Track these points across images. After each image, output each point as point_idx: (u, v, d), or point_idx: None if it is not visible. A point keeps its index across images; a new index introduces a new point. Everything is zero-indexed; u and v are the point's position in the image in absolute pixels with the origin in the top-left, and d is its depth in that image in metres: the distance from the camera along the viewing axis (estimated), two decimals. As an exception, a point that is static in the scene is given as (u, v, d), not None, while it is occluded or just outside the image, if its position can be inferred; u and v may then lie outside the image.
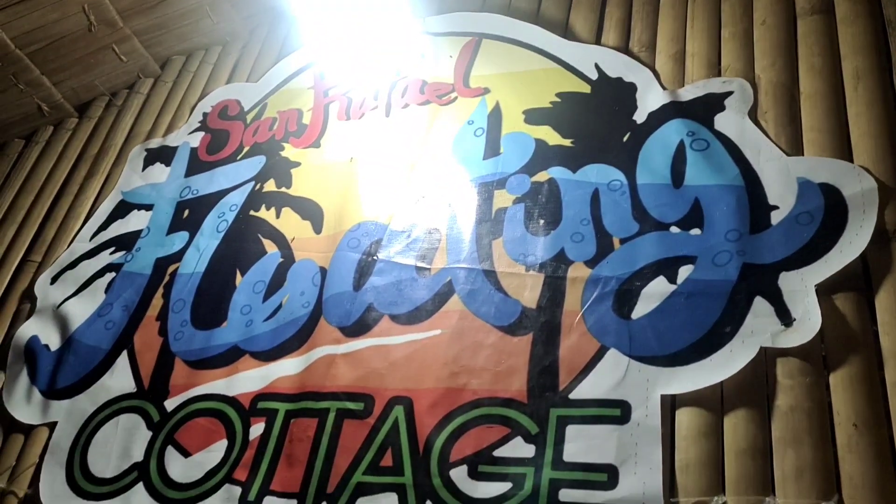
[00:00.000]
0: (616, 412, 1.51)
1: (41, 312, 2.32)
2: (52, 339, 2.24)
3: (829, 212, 1.55)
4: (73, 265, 2.40)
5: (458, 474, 1.56)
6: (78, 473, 1.93)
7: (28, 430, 2.09)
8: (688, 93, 1.92)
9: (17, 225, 2.61)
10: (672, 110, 1.90)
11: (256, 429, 1.82)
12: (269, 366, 1.92)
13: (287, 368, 1.89)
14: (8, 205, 2.68)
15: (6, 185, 2.76)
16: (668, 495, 1.39)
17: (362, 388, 1.77)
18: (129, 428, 1.96)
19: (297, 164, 2.34)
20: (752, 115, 1.80)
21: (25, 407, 2.13)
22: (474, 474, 1.55)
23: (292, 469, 1.71)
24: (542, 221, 1.87)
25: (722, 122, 1.82)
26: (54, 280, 2.39)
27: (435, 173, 2.11)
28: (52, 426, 2.05)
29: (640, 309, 1.62)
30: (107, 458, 1.92)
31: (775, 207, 1.62)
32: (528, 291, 1.76)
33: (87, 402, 2.05)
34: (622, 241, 1.74)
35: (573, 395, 1.58)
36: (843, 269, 1.47)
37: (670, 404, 1.50)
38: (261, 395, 1.87)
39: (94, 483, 1.90)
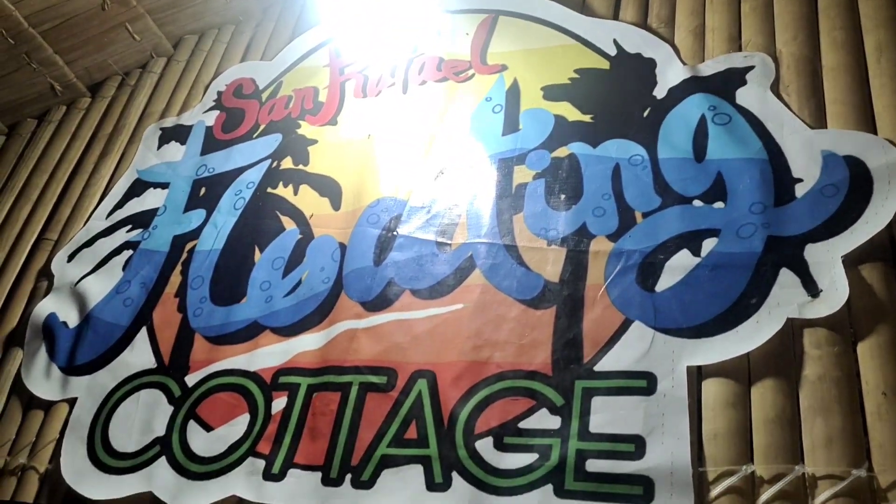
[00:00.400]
0: (642, 383, 1.52)
1: (58, 290, 2.32)
2: (70, 316, 2.24)
3: (855, 183, 1.55)
4: (89, 243, 2.40)
5: (484, 446, 1.57)
6: (100, 448, 1.93)
7: (47, 407, 2.10)
8: (708, 68, 1.92)
9: (31, 203, 2.61)
10: (693, 85, 1.89)
11: (279, 403, 1.82)
12: (290, 341, 1.92)
13: (308, 343, 1.90)
14: (22, 184, 2.68)
15: (19, 164, 2.76)
16: (696, 465, 1.40)
17: (385, 361, 1.78)
18: (150, 403, 1.96)
19: (314, 142, 2.34)
20: (774, 89, 1.79)
21: (44, 383, 2.13)
22: (500, 446, 1.56)
23: (316, 442, 1.72)
24: (563, 196, 1.87)
25: (744, 96, 1.81)
26: (71, 258, 2.39)
27: (453, 149, 2.10)
28: (71, 402, 2.06)
29: (665, 282, 1.62)
30: (128, 432, 1.93)
31: (799, 180, 1.62)
32: (551, 265, 1.77)
33: (108, 377, 2.06)
34: (644, 215, 1.74)
35: (598, 368, 1.58)
36: (870, 240, 1.47)
37: (696, 375, 1.51)
38: (282, 370, 1.88)
39: (116, 457, 1.90)
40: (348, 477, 1.64)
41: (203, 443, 1.84)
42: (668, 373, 1.51)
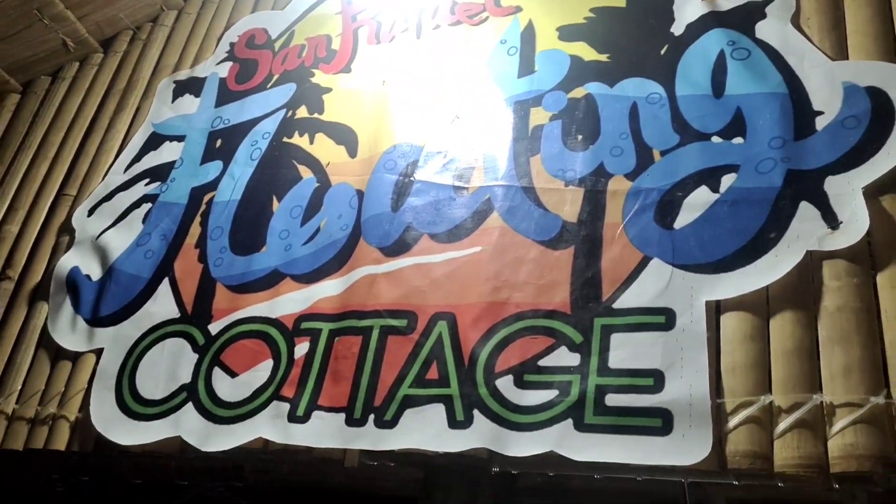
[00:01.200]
0: (661, 319, 1.53)
1: (80, 244, 2.35)
2: (93, 270, 2.27)
3: (876, 114, 1.53)
4: (108, 197, 2.42)
5: (505, 384, 1.59)
6: (128, 396, 1.97)
7: (74, 358, 2.14)
8: (727, 2, 1.89)
9: (49, 161, 2.63)
10: (711, 20, 1.86)
11: (301, 348, 1.85)
12: (311, 287, 1.94)
13: (328, 289, 1.92)
14: (39, 141, 2.69)
15: (35, 122, 2.77)
16: (714, 397, 1.41)
17: (405, 305, 1.80)
18: (175, 352, 1.99)
19: (329, 90, 2.33)
20: (795, 21, 1.76)
21: (70, 335, 2.17)
22: (520, 383, 1.58)
23: (338, 385, 1.75)
24: (580, 137, 1.86)
25: (763, 30, 1.79)
26: (91, 212, 2.41)
27: (469, 93, 2.09)
28: (98, 353, 2.09)
29: (683, 219, 1.62)
30: (155, 380, 1.97)
31: (820, 113, 1.60)
32: (568, 206, 1.77)
33: (132, 328, 2.09)
34: (663, 154, 1.73)
35: (617, 305, 1.59)
36: (891, 170, 1.46)
37: (715, 310, 1.51)
38: (304, 316, 1.90)
39: (144, 405, 1.94)
40: (371, 417, 1.67)
41: (228, 388, 1.87)
42: (686, 308, 1.52)
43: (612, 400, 1.48)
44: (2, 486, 2.54)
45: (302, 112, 2.32)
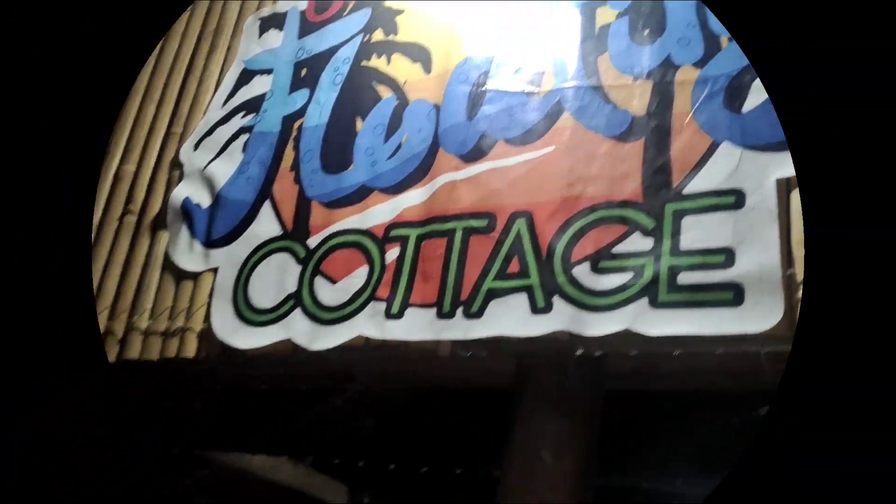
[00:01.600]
0: (730, 200, 1.58)
1: (189, 176, 2.56)
2: (202, 199, 2.48)
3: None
4: (210, 132, 2.61)
5: (581, 271, 1.69)
6: (243, 307, 2.18)
7: (195, 277, 2.36)
8: None
9: (155, 103, 2.84)
10: None
11: (391, 253, 2.00)
12: (397, 198, 2.08)
13: (413, 198, 2.05)
14: (145, 86, 2.91)
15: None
16: (785, 268, 1.46)
17: (484, 207, 1.91)
18: (280, 265, 2.18)
19: (401, 12, 2.42)
20: None
21: (189, 257, 2.39)
22: (596, 269, 1.67)
23: (428, 283, 1.89)
24: (646, 31, 1.89)
25: None
26: (196, 147, 2.61)
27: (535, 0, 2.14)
28: (214, 271, 2.31)
29: (752, 101, 1.65)
30: (265, 292, 2.16)
31: (893, -19, 1.57)
32: (637, 100, 1.81)
33: (241, 248, 2.29)
34: (730, 39, 1.75)
35: (687, 191, 1.65)
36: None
37: (785, 187, 1.55)
38: (392, 225, 2.04)
39: (257, 313, 2.14)
40: (460, 310, 1.80)
41: (329, 294, 2.04)
42: (756, 187, 1.56)
43: (685, 278, 1.56)
44: (140, 397, 2.86)
45: (378, 35, 2.42)
